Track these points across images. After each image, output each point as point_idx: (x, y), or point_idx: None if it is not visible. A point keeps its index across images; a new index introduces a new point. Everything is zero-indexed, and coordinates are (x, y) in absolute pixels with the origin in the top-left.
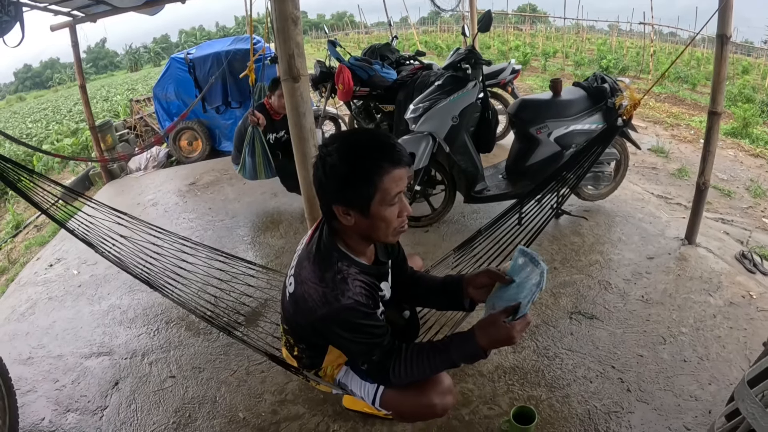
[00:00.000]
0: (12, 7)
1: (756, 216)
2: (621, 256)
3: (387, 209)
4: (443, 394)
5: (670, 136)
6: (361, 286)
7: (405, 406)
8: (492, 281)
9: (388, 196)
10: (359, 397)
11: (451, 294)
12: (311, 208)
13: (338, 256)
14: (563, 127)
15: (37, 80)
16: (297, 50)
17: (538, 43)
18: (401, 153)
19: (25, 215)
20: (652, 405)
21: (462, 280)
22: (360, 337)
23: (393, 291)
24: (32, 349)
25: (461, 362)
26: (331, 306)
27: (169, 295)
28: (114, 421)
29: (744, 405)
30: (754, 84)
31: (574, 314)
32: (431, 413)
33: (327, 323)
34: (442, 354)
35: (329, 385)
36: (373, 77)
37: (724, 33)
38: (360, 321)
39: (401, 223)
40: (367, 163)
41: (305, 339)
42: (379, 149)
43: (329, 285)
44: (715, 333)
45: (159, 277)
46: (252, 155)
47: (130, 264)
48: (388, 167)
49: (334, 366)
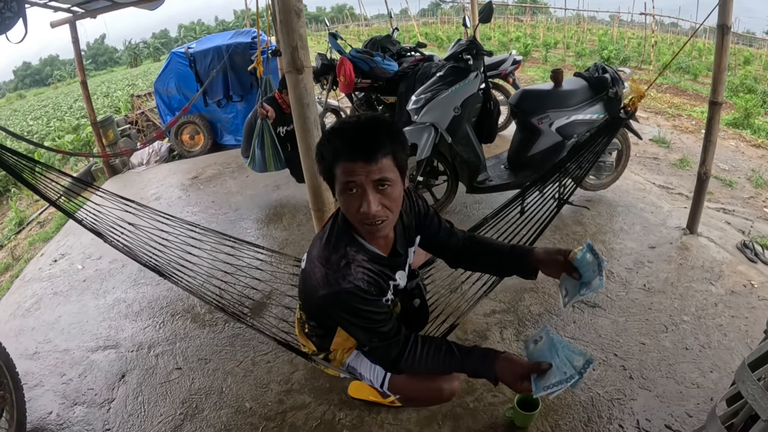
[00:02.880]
0: (15, 3)
1: (757, 206)
2: (623, 246)
3: (343, 197)
4: (451, 379)
5: (671, 127)
6: (365, 273)
7: (413, 391)
8: (562, 267)
9: (340, 185)
10: (368, 380)
11: (519, 261)
12: (316, 198)
13: (348, 241)
14: (564, 117)
15: (36, 77)
16: (300, 42)
17: (539, 34)
18: (358, 148)
19: (27, 212)
20: (655, 392)
21: (531, 253)
22: (359, 321)
23: (410, 278)
24: (38, 343)
25: (471, 375)
26: (331, 288)
27: (178, 282)
28: (121, 413)
29: (745, 387)
30: (756, 75)
31: (576, 303)
32: (438, 397)
33: (328, 303)
34: (457, 362)
35: (337, 369)
36: (375, 69)
37: (725, 23)
38: (358, 306)
39: (364, 218)
40: (327, 149)
41: (315, 317)
42: (341, 138)
43: (332, 267)
44: (717, 321)
45: (168, 265)
46: (261, 148)
47: (139, 252)
48: (340, 158)
49: (344, 350)
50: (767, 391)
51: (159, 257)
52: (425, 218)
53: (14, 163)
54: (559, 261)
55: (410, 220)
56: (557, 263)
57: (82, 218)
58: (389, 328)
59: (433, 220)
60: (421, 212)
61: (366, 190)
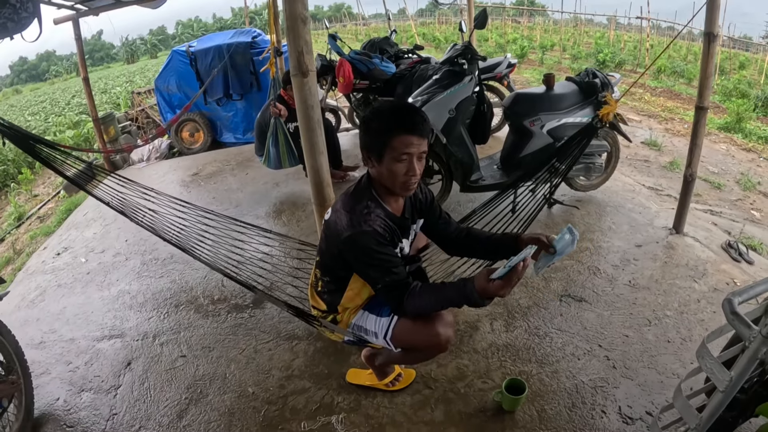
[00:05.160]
0: (30, 3)
1: (745, 208)
2: (610, 244)
3: (395, 164)
4: (446, 325)
5: (663, 130)
6: (382, 223)
7: (413, 336)
8: (542, 245)
9: (396, 153)
10: (372, 334)
11: (507, 247)
12: (318, 193)
13: (369, 196)
14: (555, 120)
15: (33, 73)
16: (306, 48)
17: (536, 36)
18: (415, 122)
19: (26, 207)
20: (637, 381)
21: (518, 238)
22: (375, 261)
23: (412, 262)
24: (44, 334)
25: (463, 302)
26: (354, 229)
27: (198, 256)
28: (128, 399)
29: (704, 362)
30: (751, 79)
31: (563, 297)
32: (436, 342)
33: (349, 245)
34: (447, 292)
35: (342, 332)
36: (373, 70)
37: (711, 31)
38: (375, 247)
39: (407, 180)
40: (384, 123)
41: (332, 270)
42: (399, 115)
43: (356, 213)
44: (699, 317)
45: (188, 241)
46: (276, 145)
47: (161, 232)
48: (399, 131)
49: (351, 310)
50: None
51: (179, 235)
52: (430, 205)
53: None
54: (542, 240)
55: (418, 200)
56: (540, 242)
57: (109, 200)
58: (400, 271)
59: (435, 209)
60: (428, 199)
61: (413, 159)
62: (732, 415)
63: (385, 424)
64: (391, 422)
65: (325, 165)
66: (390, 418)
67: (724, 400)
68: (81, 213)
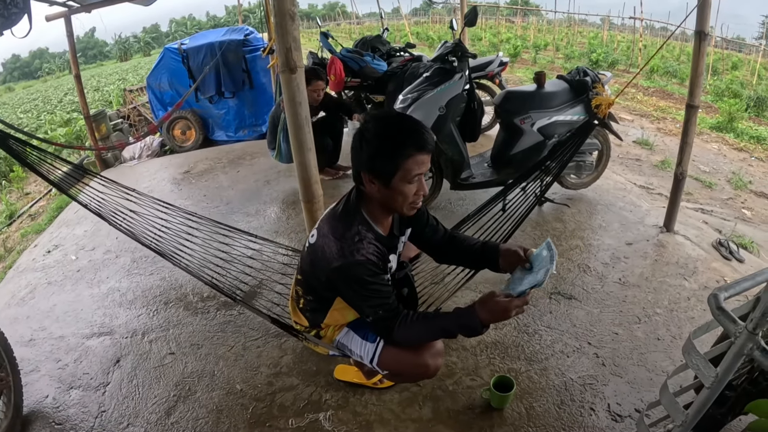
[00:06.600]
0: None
1: (736, 207)
2: (601, 242)
3: (406, 186)
4: (435, 355)
5: (655, 129)
6: (374, 250)
7: (401, 365)
8: (518, 259)
9: (409, 175)
10: (357, 356)
11: (488, 257)
12: (306, 190)
13: (360, 220)
14: (546, 117)
15: (25, 70)
16: (294, 44)
17: (530, 35)
18: (426, 140)
19: (17, 205)
20: (626, 378)
21: (498, 249)
22: (368, 292)
23: (400, 269)
24: (33, 331)
25: (459, 332)
26: (346, 259)
27: (178, 263)
28: (116, 396)
29: (689, 358)
30: (743, 80)
31: (553, 294)
32: (424, 372)
33: (340, 275)
34: (443, 322)
35: (327, 346)
36: (365, 68)
37: (702, 30)
38: (369, 278)
39: (416, 200)
40: (395, 144)
41: (315, 291)
42: (408, 134)
43: (347, 241)
44: (689, 314)
45: (168, 247)
46: (287, 140)
47: (140, 236)
48: (412, 151)
49: (336, 327)
50: (710, 362)
51: (159, 240)
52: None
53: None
54: (519, 255)
55: None
56: (516, 255)
57: (87, 203)
58: (392, 300)
59: (422, 214)
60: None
61: (422, 178)
62: (721, 412)
63: (372, 422)
64: (379, 419)
65: (313, 162)
66: (378, 416)
67: (710, 397)
68: (72, 210)
